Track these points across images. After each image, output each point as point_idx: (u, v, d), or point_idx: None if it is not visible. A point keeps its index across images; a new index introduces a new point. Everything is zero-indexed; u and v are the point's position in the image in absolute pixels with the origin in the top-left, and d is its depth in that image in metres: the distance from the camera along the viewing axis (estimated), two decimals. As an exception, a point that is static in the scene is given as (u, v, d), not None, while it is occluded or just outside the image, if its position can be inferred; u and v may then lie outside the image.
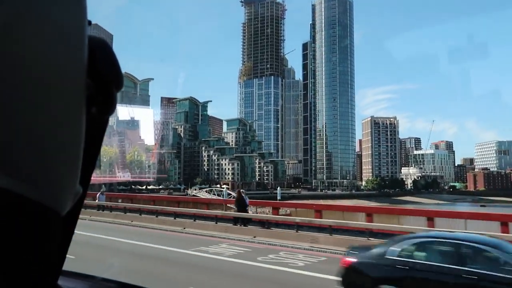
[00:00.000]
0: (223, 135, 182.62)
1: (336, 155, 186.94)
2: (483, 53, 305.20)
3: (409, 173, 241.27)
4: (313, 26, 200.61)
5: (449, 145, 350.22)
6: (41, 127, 0.50)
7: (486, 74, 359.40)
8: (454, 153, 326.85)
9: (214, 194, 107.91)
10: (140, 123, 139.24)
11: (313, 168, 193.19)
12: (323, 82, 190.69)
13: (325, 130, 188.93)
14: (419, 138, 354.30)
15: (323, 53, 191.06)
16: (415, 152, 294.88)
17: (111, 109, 0.63)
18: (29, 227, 0.49)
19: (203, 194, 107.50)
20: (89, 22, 0.60)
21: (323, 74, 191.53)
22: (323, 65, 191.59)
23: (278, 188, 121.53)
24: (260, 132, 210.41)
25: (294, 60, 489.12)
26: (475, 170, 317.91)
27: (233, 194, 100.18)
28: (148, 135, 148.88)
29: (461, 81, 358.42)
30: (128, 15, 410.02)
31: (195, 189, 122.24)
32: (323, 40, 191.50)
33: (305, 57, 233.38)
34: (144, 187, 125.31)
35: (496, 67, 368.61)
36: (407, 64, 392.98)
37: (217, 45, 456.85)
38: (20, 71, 0.47)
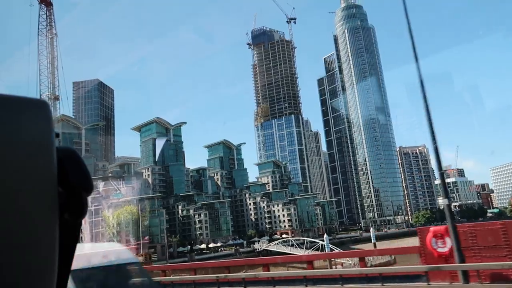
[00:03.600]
0: (257, 179, 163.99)
1: (386, 189, 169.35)
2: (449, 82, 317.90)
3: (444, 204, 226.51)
4: (338, 56, 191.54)
5: (461, 172, 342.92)
6: (14, 239, 0.51)
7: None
8: (466, 180, 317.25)
9: (307, 248, 79.24)
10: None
11: (359, 207, 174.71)
12: (359, 112, 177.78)
13: (368, 163, 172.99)
14: (432, 169, 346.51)
15: (354, 83, 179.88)
16: (436, 182, 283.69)
17: (82, 213, 0.67)
18: None
19: (289, 249, 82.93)
20: (57, 135, 0.65)
21: (357, 104, 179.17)
22: (356, 95, 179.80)
23: (371, 229, 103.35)
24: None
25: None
26: (493, 193, 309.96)
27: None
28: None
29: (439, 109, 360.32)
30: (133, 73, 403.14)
31: (263, 242, 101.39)
32: (352, 69, 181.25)
33: (321, 92, 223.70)
34: (204, 245, 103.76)
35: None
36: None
37: (222, 90, 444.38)
38: None
